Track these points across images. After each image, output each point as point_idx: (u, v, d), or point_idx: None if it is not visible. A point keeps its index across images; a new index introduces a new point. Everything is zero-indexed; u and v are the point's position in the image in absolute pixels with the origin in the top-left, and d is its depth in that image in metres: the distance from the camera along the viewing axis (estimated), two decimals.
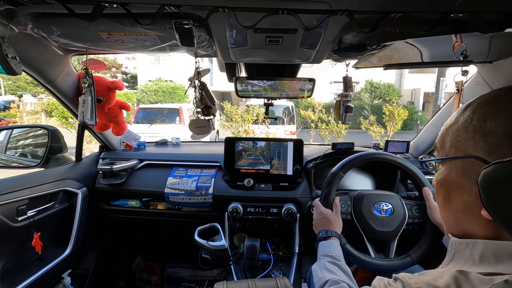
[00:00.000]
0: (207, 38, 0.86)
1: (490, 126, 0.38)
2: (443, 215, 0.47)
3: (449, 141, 0.44)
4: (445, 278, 0.36)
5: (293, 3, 0.63)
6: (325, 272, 0.74)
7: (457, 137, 0.42)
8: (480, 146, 0.38)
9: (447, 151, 0.44)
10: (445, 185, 0.45)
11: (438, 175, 0.47)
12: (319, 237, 0.89)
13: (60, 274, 1.26)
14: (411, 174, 1.05)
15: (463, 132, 0.41)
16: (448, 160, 0.44)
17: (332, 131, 6.31)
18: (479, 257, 0.38)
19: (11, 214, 1.02)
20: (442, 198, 0.46)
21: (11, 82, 17.53)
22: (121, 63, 21.51)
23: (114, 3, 0.61)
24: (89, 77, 1.07)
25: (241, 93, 1.21)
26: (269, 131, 6.15)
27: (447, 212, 0.46)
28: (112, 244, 1.71)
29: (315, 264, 0.80)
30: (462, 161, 0.41)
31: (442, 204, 0.46)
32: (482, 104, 0.41)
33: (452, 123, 0.44)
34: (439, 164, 0.47)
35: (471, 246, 0.40)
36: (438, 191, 0.47)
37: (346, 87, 1.20)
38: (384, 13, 0.65)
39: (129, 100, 15.33)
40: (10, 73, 0.74)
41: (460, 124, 0.42)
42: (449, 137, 0.44)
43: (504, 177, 0.33)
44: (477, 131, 0.39)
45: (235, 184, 1.39)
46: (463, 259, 0.41)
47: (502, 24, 0.66)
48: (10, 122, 9.79)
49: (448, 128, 0.45)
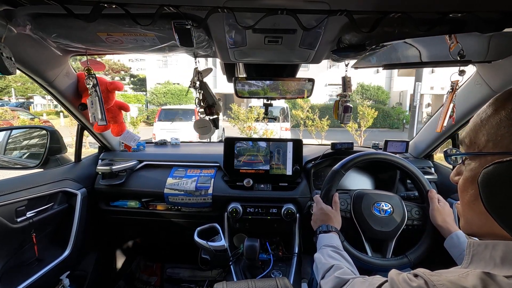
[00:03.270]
0: (206, 38, 0.86)
1: None
2: (468, 214, 0.44)
3: (485, 135, 0.40)
4: (471, 279, 0.34)
5: (292, 3, 0.63)
6: (329, 258, 0.75)
7: (497, 131, 0.39)
8: None
9: (482, 146, 0.41)
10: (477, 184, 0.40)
11: (468, 172, 0.43)
12: (320, 231, 0.90)
13: (59, 275, 1.25)
14: (413, 177, 1.05)
15: (507, 125, 0.38)
16: (483, 156, 0.40)
17: (317, 127, 7.79)
18: (501, 259, 0.36)
19: (10, 215, 1.02)
20: (471, 196, 0.42)
21: (20, 84, 17.69)
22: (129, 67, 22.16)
23: (113, 4, 0.60)
24: (92, 77, 1.07)
25: (241, 94, 1.21)
26: (268, 128, 7.39)
27: (474, 212, 0.42)
28: (111, 245, 1.71)
29: (318, 253, 0.81)
30: (500, 158, 0.37)
31: (470, 203, 0.43)
32: None
33: (489, 117, 0.41)
34: (468, 160, 0.44)
35: (490, 247, 0.38)
36: (467, 188, 0.43)
37: (345, 87, 1.20)
38: (383, 13, 0.65)
39: (139, 101, 16.47)
40: (4, 72, 0.74)
41: (503, 116, 0.38)
42: (485, 131, 0.40)
43: (505, 177, 0.33)
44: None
45: (235, 184, 1.39)
46: (483, 261, 0.38)
47: (500, 23, 0.66)
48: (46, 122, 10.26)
49: (483, 120, 0.41)
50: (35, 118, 10.46)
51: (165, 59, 18.94)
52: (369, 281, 0.50)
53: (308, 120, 8.00)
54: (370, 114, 7.42)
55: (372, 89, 17.17)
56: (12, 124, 8.20)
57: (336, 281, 0.64)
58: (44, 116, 13.81)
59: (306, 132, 8.18)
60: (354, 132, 7.51)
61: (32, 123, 9.06)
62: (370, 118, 7.46)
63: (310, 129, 7.96)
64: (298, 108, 8.74)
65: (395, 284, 0.42)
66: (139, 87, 21.54)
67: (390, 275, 0.45)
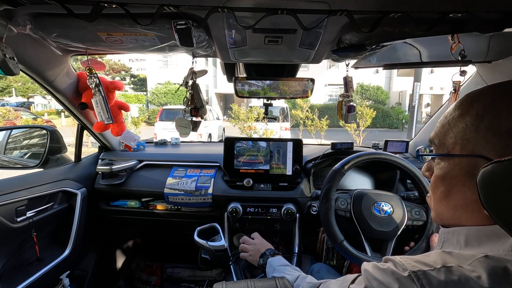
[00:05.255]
0: (206, 38, 0.86)
1: (506, 125, 0.37)
2: (439, 208, 0.47)
3: (452, 138, 0.43)
4: (432, 256, 0.39)
5: (292, 3, 0.63)
6: (292, 271, 0.77)
7: (464, 134, 0.41)
8: (492, 146, 0.37)
9: (450, 148, 0.43)
10: (447, 181, 0.44)
11: (439, 170, 0.46)
12: (268, 254, 0.94)
13: (59, 275, 1.25)
14: (413, 177, 1.05)
15: (472, 130, 0.40)
16: (452, 157, 0.43)
17: (316, 126, 7.90)
18: (464, 243, 0.40)
19: (10, 214, 1.02)
20: (441, 193, 0.46)
21: (21, 84, 17.73)
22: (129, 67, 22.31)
23: (113, 4, 0.60)
24: (95, 77, 1.07)
25: (241, 93, 1.21)
26: (268, 127, 7.49)
27: (444, 206, 0.46)
28: (111, 245, 1.71)
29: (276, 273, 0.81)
30: (467, 159, 0.40)
31: (440, 199, 0.46)
32: (494, 100, 0.39)
33: (456, 120, 0.43)
34: (438, 159, 0.46)
35: (456, 233, 0.42)
36: (437, 185, 0.46)
37: (347, 87, 1.20)
38: (383, 13, 0.65)
39: (139, 101, 16.48)
40: (8, 73, 0.74)
41: (468, 121, 0.40)
42: (452, 134, 0.43)
43: (504, 177, 0.33)
44: (489, 129, 0.38)
45: (235, 184, 1.39)
46: (452, 245, 0.43)
47: (500, 23, 0.66)
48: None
49: (451, 123, 0.43)
50: (37, 118, 10.50)
51: (165, 59, 18.99)
52: (342, 280, 0.52)
53: (307, 120, 8.16)
54: (368, 114, 7.55)
55: (371, 89, 17.27)
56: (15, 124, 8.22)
57: (309, 286, 0.65)
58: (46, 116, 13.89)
59: (306, 132, 8.37)
60: (353, 132, 7.66)
61: (36, 123, 9.09)
62: (369, 118, 7.59)
63: (309, 129, 8.12)
64: (297, 108, 8.94)
65: (368, 273, 0.44)
66: (140, 87, 21.67)
67: (363, 266, 0.47)
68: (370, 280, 0.42)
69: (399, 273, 0.38)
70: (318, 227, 1.37)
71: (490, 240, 0.37)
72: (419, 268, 0.37)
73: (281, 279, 0.88)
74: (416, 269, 0.37)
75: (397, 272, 0.39)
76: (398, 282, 0.38)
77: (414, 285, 0.36)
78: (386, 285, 0.39)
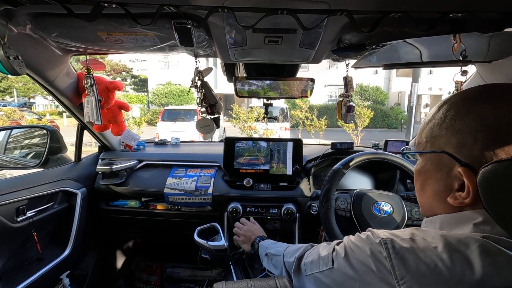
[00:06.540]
0: (206, 38, 0.86)
1: (458, 125, 0.42)
2: (420, 199, 0.53)
3: (424, 137, 0.48)
4: (406, 231, 0.44)
5: (292, 3, 0.63)
6: (283, 244, 0.82)
7: (432, 133, 0.46)
8: (450, 143, 0.43)
9: (424, 145, 0.48)
10: (422, 175, 0.50)
11: (417, 165, 0.52)
12: (258, 241, 0.98)
13: (59, 275, 1.25)
14: (413, 177, 1.05)
15: (437, 129, 0.45)
16: (424, 154, 0.49)
17: (315, 126, 8.03)
18: (439, 229, 0.45)
19: (10, 214, 1.02)
20: (419, 185, 0.52)
21: (22, 85, 17.73)
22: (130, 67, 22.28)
23: (113, 3, 0.61)
24: (90, 77, 1.07)
25: (240, 93, 1.21)
26: (267, 127, 7.56)
27: (422, 198, 0.52)
28: (111, 245, 1.71)
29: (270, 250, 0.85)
30: (436, 155, 0.45)
31: (419, 190, 0.52)
32: (455, 103, 0.44)
33: (428, 120, 0.48)
34: (418, 156, 0.52)
35: (433, 221, 0.48)
36: (417, 178, 0.52)
37: (347, 87, 1.20)
38: (383, 13, 0.65)
39: (140, 101, 16.58)
40: (13, 73, 0.74)
41: (435, 122, 0.46)
42: (424, 133, 0.48)
43: (504, 177, 0.33)
44: (448, 129, 0.43)
45: (235, 184, 1.39)
46: None
47: (500, 23, 0.66)
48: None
49: (425, 124, 0.49)
50: (41, 118, 10.53)
51: (166, 60, 18.96)
52: (330, 245, 0.57)
53: (306, 120, 8.30)
54: (366, 114, 7.67)
55: (370, 90, 17.25)
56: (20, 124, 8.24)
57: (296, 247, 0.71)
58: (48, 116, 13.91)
59: (305, 132, 8.47)
60: (351, 132, 7.77)
61: (40, 123, 9.11)
62: (367, 118, 7.71)
63: (308, 129, 8.24)
64: (297, 109, 9.01)
65: (350, 239, 0.51)
66: (141, 88, 21.66)
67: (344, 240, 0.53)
68: (350, 244, 0.50)
69: (372, 239, 0.45)
70: (318, 227, 1.37)
71: (458, 226, 0.43)
72: (389, 237, 0.43)
73: (281, 279, 0.88)
74: (386, 237, 0.43)
75: (372, 238, 0.46)
76: (370, 245, 0.45)
77: (381, 248, 0.42)
78: (361, 248, 0.46)
